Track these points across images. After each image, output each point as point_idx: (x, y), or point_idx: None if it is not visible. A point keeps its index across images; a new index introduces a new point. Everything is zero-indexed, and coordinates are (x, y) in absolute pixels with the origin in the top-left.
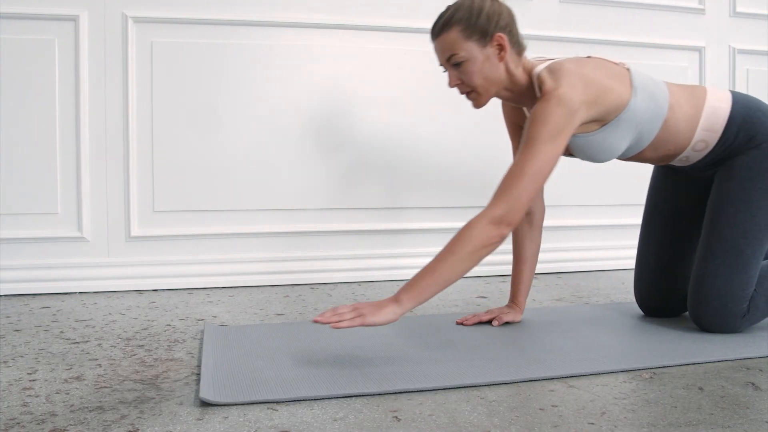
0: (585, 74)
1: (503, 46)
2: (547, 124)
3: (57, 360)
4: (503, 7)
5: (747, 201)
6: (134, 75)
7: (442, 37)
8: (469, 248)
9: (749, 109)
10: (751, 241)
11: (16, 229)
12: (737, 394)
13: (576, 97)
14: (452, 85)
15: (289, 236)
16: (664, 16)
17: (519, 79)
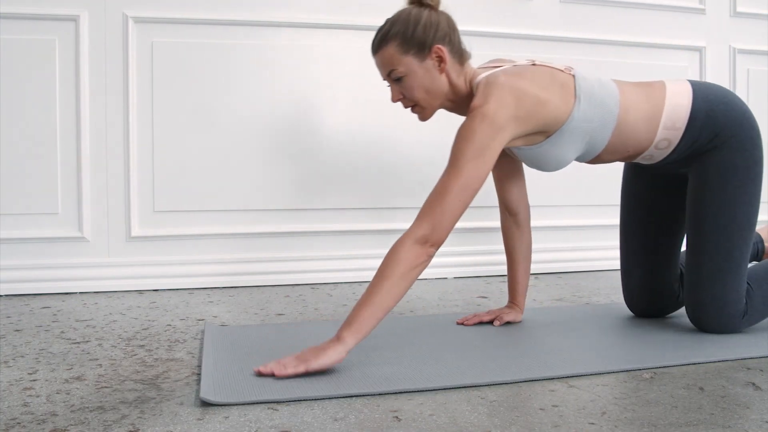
0: (518, 88)
1: (443, 58)
2: (471, 142)
3: (58, 360)
4: (442, 16)
5: (725, 202)
6: (134, 75)
7: (380, 53)
8: (399, 271)
9: (710, 102)
10: (737, 241)
11: (16, 229)
12: (738, 394)
13: (503, 114)
14: (395, 100)
15: (289, 236)
16: (664, 16)
17: (462, 89)
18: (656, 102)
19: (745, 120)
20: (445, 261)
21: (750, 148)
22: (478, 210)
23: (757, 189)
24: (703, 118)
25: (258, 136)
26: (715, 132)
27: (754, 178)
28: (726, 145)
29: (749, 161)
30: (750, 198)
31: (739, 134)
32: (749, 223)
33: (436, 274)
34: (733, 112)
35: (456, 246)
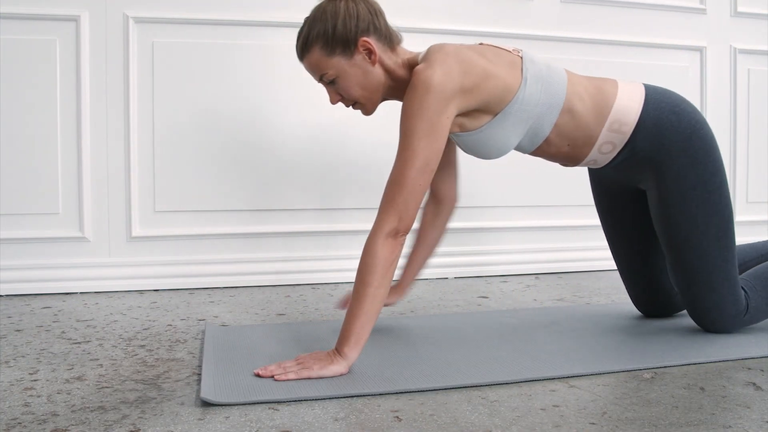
0: (465, 57)
1: (371, 50)
2: (420, 119)
3: (58, 360)
4: (360, 5)
5: (692, 222)
6: (135, 75)
7: (306, 60)
8: (379, 272)
9: (661, 110)
10: (716, 253)
11: (17, 230)
12: (738, 395)
13: (449, 84)
14: (334, 102)
15: (290, 236)
16: (665, 16)
17: (401, 74)
18: (606, 99)
19: (694, 133)
20: (446, 261)
21: (703, 160)
22: (479, 210)
23: (723, 197)
24: (650, 126)
25: (259, 136)
26: (662, 143)
27: (715, 189)
28: (677, 163)
29: (705, 174)
30: (717, 208)
31: (688, 149)
32: (725, 230)
33: (437, 274)
34: (683, 125)
35: (457, 246)
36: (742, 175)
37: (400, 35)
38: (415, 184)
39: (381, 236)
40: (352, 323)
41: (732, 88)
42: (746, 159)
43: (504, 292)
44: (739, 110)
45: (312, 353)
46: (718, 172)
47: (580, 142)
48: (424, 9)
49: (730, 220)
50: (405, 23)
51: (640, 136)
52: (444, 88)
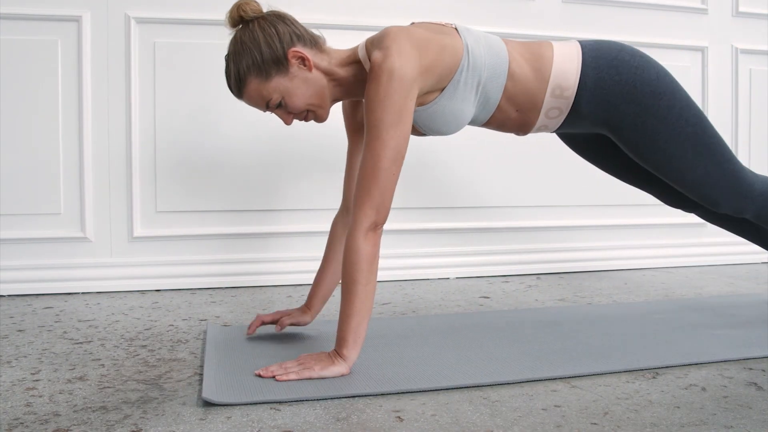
0: (415, 35)
1: (303, 57)
2: (387, 107)
3: (60, 360)
4: (274, 20)
5: (669, 157)
6: (137, 75)
7: (246, 95)
8: (365, 268)
9: (600, 69)
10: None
11: (19, 230)
12: (740, 395)
13: (409, 67)
14: (288, 123)
15: (291, 236)
16: (666, 16)
17: (340, 72)
18: (543, 64)
19: (638, 79)
20: (447, 261)
21: (654, 102)
22: (480, 210)
23: (689, 118)
24: (592, 87)
25: (260, 136)
26: (608, 102)
27: (677, 118)
28: (629, 116)
29: (662, 111)
30: (687, 132)
31: (636, 99)
32: (707, 144)
33: (438, 274)
34: (623, 77)
35: (458, 246)
36: None
37: (322, 35)
38: (389, 174)
39: (361, 232)
40: (347, 324)
41: (733, 88)
42: (747, 159)
43: (505, 292)
44: (741, 110)
45: (314, 354)
46: (674, 98)
47: (526, 107)
48: (424, 9)
49: (706, 132)
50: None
51: (584, 100)
52: (405, 72)
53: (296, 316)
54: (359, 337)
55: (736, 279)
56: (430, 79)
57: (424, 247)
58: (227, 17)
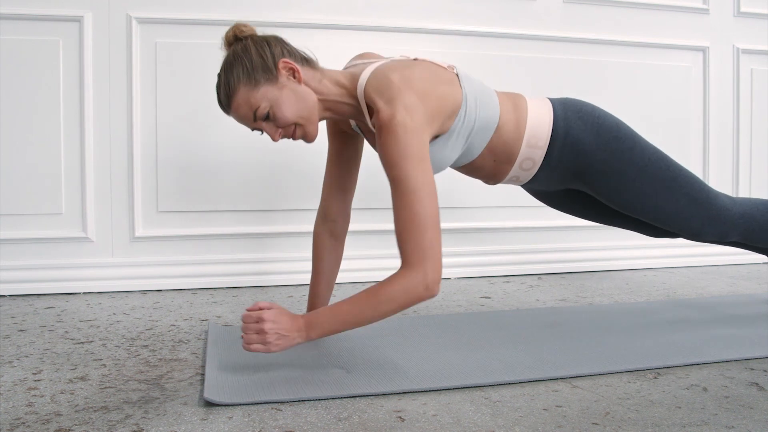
0: (417, 85)
1: (293, 68)
2: (409, 161)
3: (62, 360)
4: (265, 37)
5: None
6: (138, 75)
7: (234, 105)
8: (397, 310)
9: (569, 120)
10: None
11: (20, 230)
12: (741, 395)
13: (417, 118)
14: (276, 138)
15: (293, 236)
16: (667, 16)
17: (331, 93)
18: (521, 115)
19: (600, 127)
20: (448, 261)
21: (616, 145)
22: (481, 210)
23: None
24: (563, 136)
25: (263, 136)
26: (577, 149)
27: (641, 158)
28: (597, 162)
29: (626, 154)
30: (652, 169)
31: (601, 144)
32: (673, 177)
33: None
34: (588, 126)
35: (459, 246)
36: (745, 175)
37: (314, 57)
38: (434, 223)
39: (422, 288)
40: (341, 325)
41: (735, 88)
42: (749, 159)
43: (507, 292)
44: (742, 110)
45: (278, 318)
46: (635, 141)
47: (503, 158)
48: (424, 9)
49: (671, 167)
50: (405, 23)
51: (556, 149)
52: (416, 123)
53: None
54: (332, 333)
55: (738, 279)
56: (435, 125)
57: None
58: (223, 39)
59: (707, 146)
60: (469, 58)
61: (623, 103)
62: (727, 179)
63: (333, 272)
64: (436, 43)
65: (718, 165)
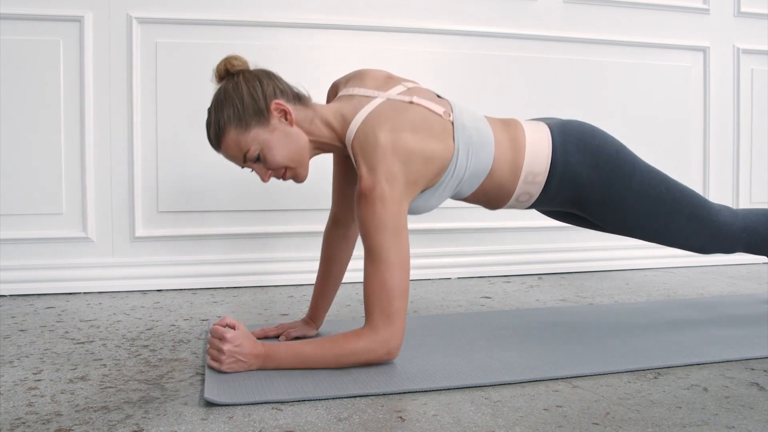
0: (403, 148)
1: (285, 110)
2: (384, 230)
3: (62, 360)
4: (260, 73)
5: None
6: (139, 75)
7: (224, 145)
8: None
9: (568, 153)
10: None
11: (20, 230)
12: (742, 395)
13: (397, 189)
14: (266, 179)
15: (293, 236)
16: (668, 16)
17: (322, 135)
18: (518, 153)
19: (599, 157)
20: (449, 261)
21: (616, 173)
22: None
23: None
24: (561, 171)
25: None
26: (575, 182)
27: (641, 183)
28: (595, 191)
29: (625, 180)
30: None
31: (600, 175)
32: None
33: (440, 274)
34: (588, 157)
35: (459, 246)
36: (745, 175)
37: (307, 94)
38: (401, 291)
39: (383, 352)
40: (299, 364)
41: (735, 88)
42: (749, 159)
43: (507, 292)
44: (742, 110)
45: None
46: (635, 168)
47: (496, 197)
48: (425, 9)
49: (671, 189)
50: (405, 23)
51: (554, 183)
52: (395, 195)
53: (301, 329)
54: (287, 369)
55: (738, 279)
56: (417, 189)
57: (426, 248)
58: (214, 72)
59: (707, 146)
60: (469, 58)
61: (623, 103)
62: (727, 179)
63: (341, 274)
64: (436, 43)
65: (718, 165)
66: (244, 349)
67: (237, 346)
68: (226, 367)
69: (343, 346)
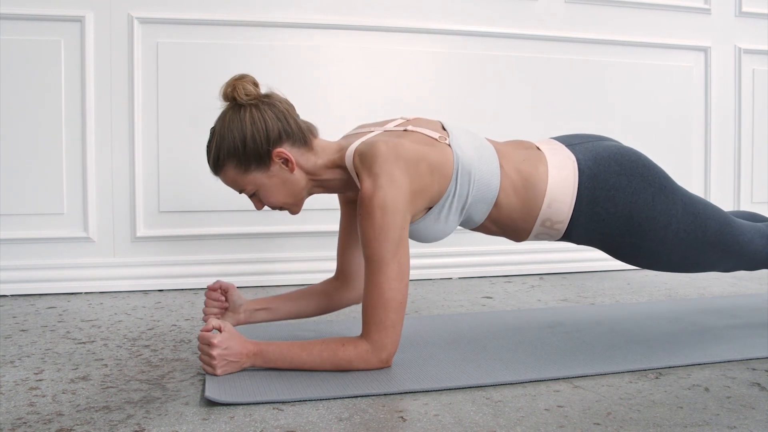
0: (403, 157)
1: (287, 158)
2: (382, 242)
3: (63, 360)
4: (266, 112)
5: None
6: (140, 75)
7: (222, 177)
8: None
9: (596, 203)
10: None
11: (22, 230)
12: (743, 395)
13: (400, 197)
14: (259, 208)
15: (294, 236)
16: (669, 16)
17: (323, 173)
18: (535, 196)
19: (634, 207)
20: (450, 261)
21: (652, 225)
22: None
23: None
24: (585, 222)
25: None
26: (603, 233)
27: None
28: (625, 243)
29: (660, 233)
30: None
31: (632, 228)
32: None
33: (441, 274)
34: (620, 208)
35: (461, 246)
36: (747, 175)
37: (314, 128)
38: (397, 304)
39: (376, 361)
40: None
41: (736, 88)
42: (750, 159)
43: (508, 292)
44: (744, 110)
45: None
46: (670, 213)
47: (511, 231)
48: (425, 9)
49: (706, 229)
50: (405, 23)
51: (575, 232)
52: (397, 204)
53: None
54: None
55: (740, 279)
56: (420, 203)
57: (427, 247)
58: (221, 90)
59: (709, 146)
60: (469, 58)
61: (624, 103)
62: (728, 179)
63: (298, 306)
64: (436, 43)
65: (719, 165)
66: (233, 350)
67: (225, 349)
68: (220, 371)
69: (339, 354)
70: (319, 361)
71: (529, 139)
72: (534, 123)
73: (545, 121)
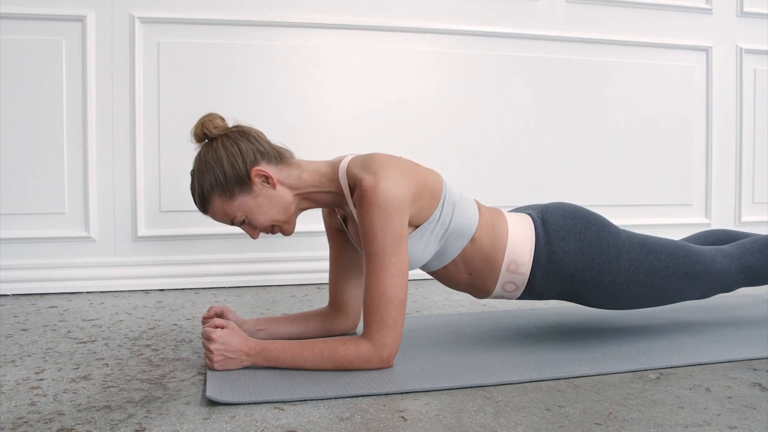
0: (399, 164)
1: (267, 175)
2: (386, 235)
3: (64, 359)
4: (238, 137)
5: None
6: (141, 75)
7: (211, 213)
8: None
9: (552, 244)
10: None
11: (23, 229)
12: (744, 395)
13: (401, 194)
14: (255, 237)
15: (295, 236)
16: (670, 16)
17: (310, 186)
18: (499, 238)
19: (584, 243)
20: None
21: (603, 257)
22: None
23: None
24: (546, 263)
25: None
26: (564, 274)
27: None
28: (586, 283)
29: (614, 264)
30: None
31: (589, 263)
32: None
33: None
34: (572, 245)
35: None
36: (748, 175)
37: (287, 149)
38: (399, 302)
39: (378, 360)
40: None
41: (738, 88)
42: (752, 159)
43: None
44: (745, 110)
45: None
46: (618, 246)
47: (480, 274)
48: (425, 9)
49: (660, 256)
50: (405, 23)
51: (539, 275)
52: (400, 196)
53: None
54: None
55: None
56: (414, 207)
57: None
58: (192, 133)
59: (710, 146)
60: (470, 58)
61: (626, 103)
62: (729, 179)
63: (298, 328)
64: (436, 43)
65: (720, 165)
66: (231, 346)
67: (223, 344)
68: (218, 365)
69: (340, 353)
70: (320, 360)
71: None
72: (534, 123)
73: (545, 121)
